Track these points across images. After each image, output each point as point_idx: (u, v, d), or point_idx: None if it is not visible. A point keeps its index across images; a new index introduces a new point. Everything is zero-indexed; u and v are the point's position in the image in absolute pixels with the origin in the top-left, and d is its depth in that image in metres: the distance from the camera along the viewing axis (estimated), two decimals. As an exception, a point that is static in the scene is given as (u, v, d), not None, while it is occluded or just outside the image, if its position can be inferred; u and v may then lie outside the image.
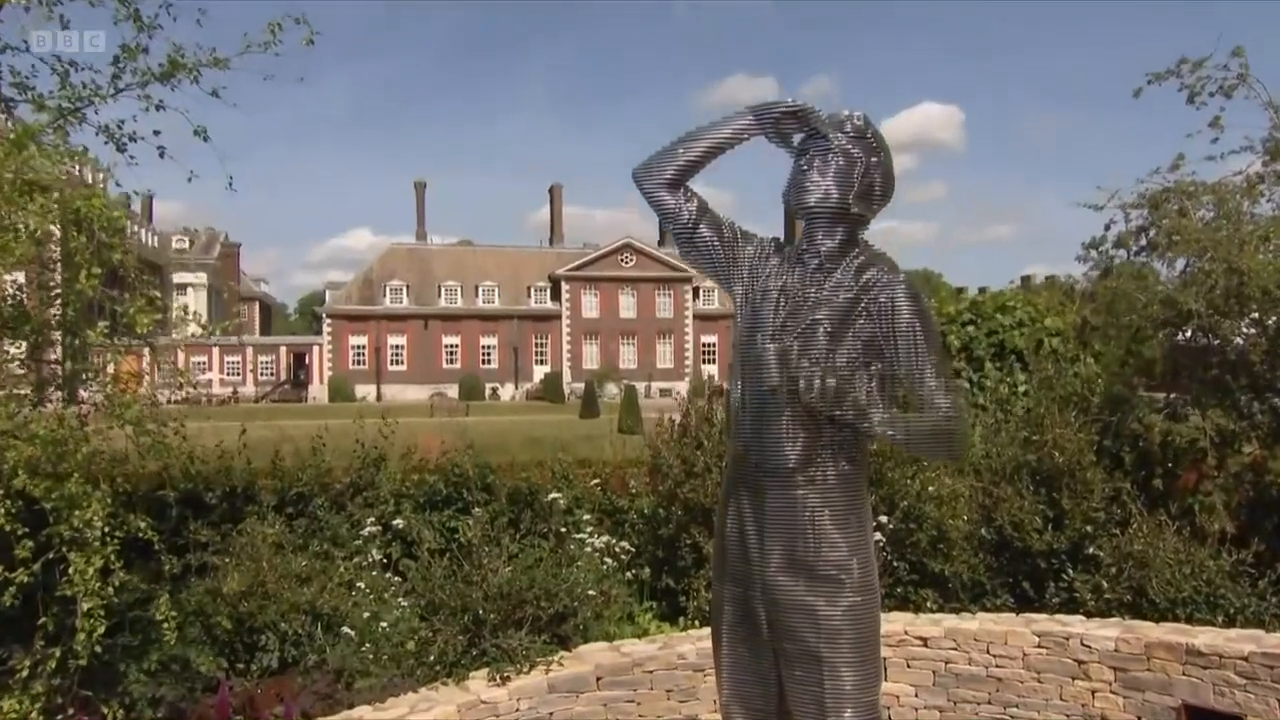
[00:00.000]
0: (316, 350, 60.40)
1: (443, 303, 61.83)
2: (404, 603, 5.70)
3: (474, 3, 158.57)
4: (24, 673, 4.17)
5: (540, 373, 60.00)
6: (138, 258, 4.92)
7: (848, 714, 2.49)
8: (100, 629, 4.11)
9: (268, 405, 47.64)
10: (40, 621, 4.24)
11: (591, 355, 62.30)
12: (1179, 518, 6.57)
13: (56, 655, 4.21)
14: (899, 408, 2.57)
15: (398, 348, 60.70)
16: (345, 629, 5.44)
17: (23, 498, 4.07)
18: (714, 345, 64.74)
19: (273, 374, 60.75)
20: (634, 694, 5.35)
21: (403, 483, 6.89)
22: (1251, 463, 7.04)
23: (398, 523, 6.38)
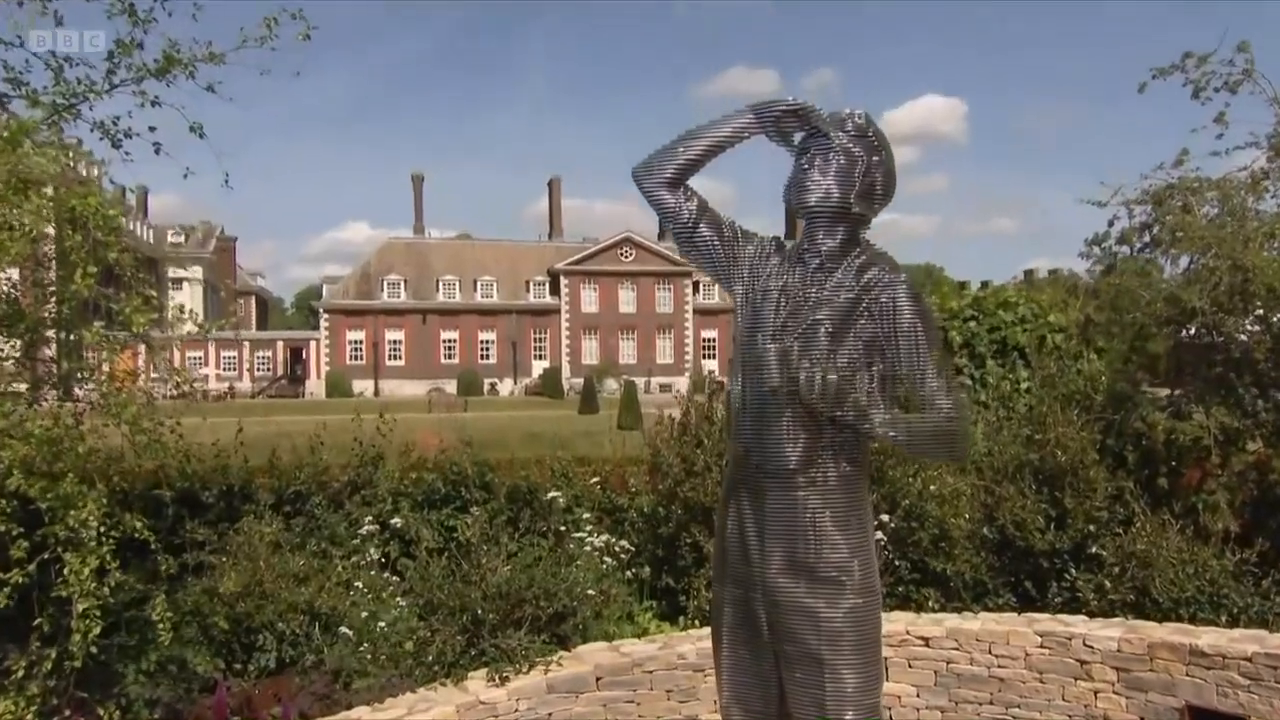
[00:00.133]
0: (313, 345, 60.10)
1: (441, 297, 61.52)
2: (402, 602, 5.68)
3: (474, 2, 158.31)
4: (19, 674, 4.15)
5: (539, 368, 59.75)
6: (133, 254, 4.89)
7: (849, 716, 2.48)
8: (96, 629, 4.10)
9: (264, 401, 47.69)
10: (35, 622, 4.20)
11: (591, 350, 62.12)
12: (1182, 517, 6.53)
13: (52, 656, 4.19)
14: (900, 408, 2.55)
15: (395, 343, 60.37)
16: (343, 629, 5.42)
17: (17, 497, 4.06)
18: (714, 340, 64.54)
19: (269, 369, 60.51)
20: (634, 694, 5.32)
21: (401, 481, 6.87)
22: (1256, 461, 7.02)
23: (396, 521, 6.36)
